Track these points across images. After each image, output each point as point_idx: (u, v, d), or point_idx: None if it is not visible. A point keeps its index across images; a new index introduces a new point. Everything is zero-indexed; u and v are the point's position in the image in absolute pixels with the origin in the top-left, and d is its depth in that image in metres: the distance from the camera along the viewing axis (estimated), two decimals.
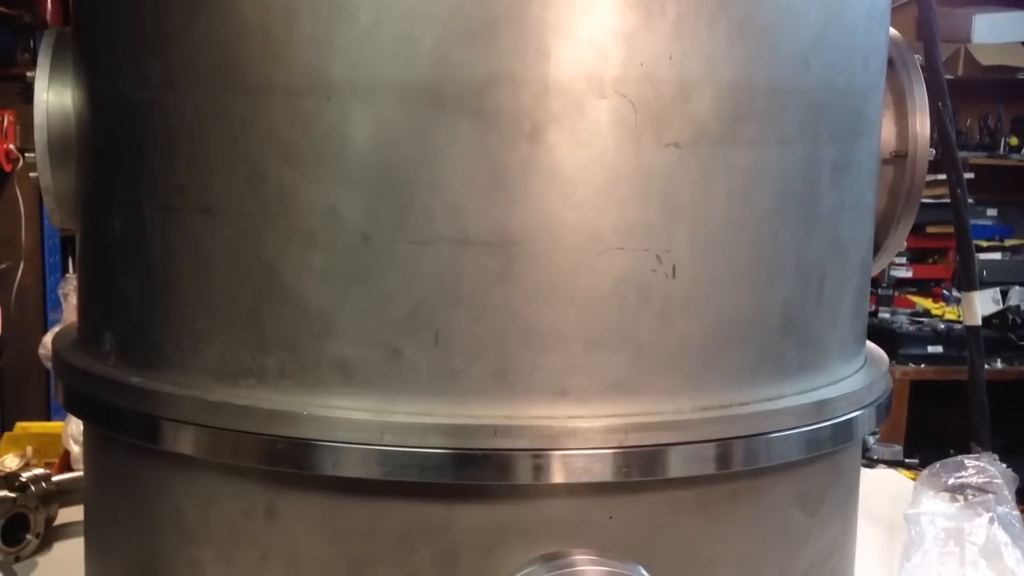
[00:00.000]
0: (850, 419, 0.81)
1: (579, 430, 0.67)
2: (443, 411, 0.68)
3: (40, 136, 0.82)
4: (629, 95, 0.67)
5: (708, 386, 0.72)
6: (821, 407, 0.77)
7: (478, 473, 0.68)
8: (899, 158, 0.89)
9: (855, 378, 0.84)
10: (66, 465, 2.71)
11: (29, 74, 0.83)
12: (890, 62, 0.87)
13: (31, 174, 0.84)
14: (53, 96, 0.82)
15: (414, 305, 0.67)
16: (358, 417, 0.68)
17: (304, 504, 0.72)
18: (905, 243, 0.94)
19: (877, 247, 0.90)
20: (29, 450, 3.08)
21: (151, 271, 0.75)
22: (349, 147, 0.68)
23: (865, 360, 0.89)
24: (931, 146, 0.89)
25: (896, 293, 4.62)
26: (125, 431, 0.78)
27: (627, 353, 0.69)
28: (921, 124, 0.89)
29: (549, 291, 0.67)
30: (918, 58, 0.92)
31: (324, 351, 0.69)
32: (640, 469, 0.70)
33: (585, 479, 0.69)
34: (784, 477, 0.77)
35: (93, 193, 0.82)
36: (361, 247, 0.67)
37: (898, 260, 4.72)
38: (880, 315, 4.48)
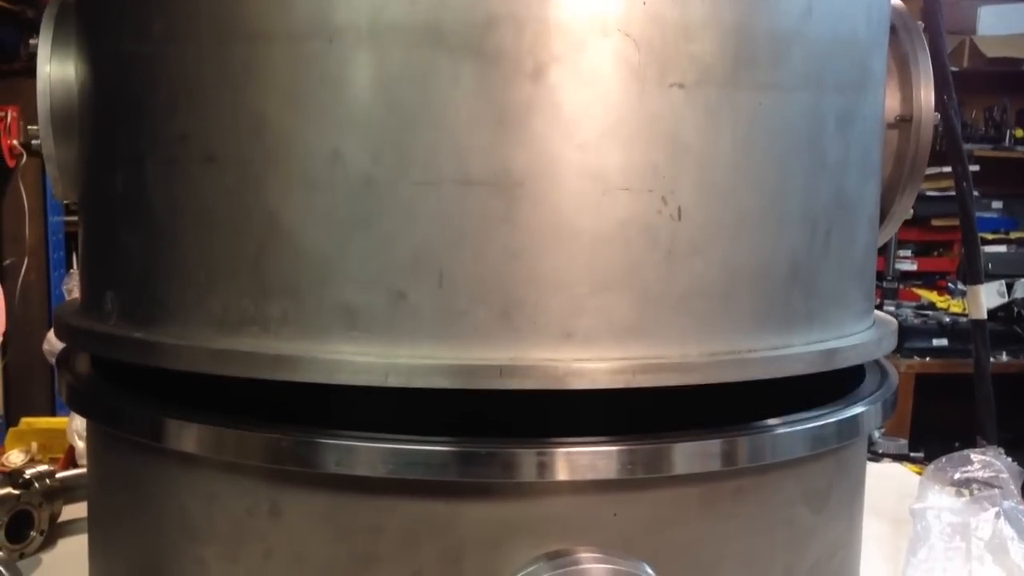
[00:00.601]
0: (856, 415, 0.80)
1: (585, 371, 0.67)
2: (448, 354, 0.67)
3: (43, 106, 0.82)
4: (632, 34, 0.66)
5: (715, 332, 0.71)
6: (830, 356, 0.77)
7: (483, 471, 0.68)
8: (904, 122, 0.89)
9: (864, 334, 0.83)
10: (71, 460, 2.72)
11: (32, 41, 0.83)
12: (893, 29, 0.88)
13: (34, 141, 0.84)
14: (56, 67, 0.82)
15: (417, 247, 0.67)
16: (362, 360, 0.67)
17: (308, 502, 0.72)
18: (912, 210, 0.94)
19: (884, 214, 0.90)
20: (34, 446, 3.10)
21: (153, 225, 0.75)
22: (351, 90, 0.67)
23: (874, 322, 0.89)
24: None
25: (901, 286, 4.62)
26: (128, 429, 0.78)
27: (633, 295, 0.69)
28: (925, 88, 0.89)
29: (553, 232, 0.67)
30: (920, 24, 0.92)
31: (327, 296, 0.68)
32: (645, 466, 0.69)
33: (590, 476, 0.69)
34: (790, 474, 0.77)
35: (95, 156, 0.82)
36: (364, 190, 0.67)
37: (903, 253, 4.72)
38: (885, 308, 4.46)
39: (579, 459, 0.68)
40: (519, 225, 0.67)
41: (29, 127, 0.86)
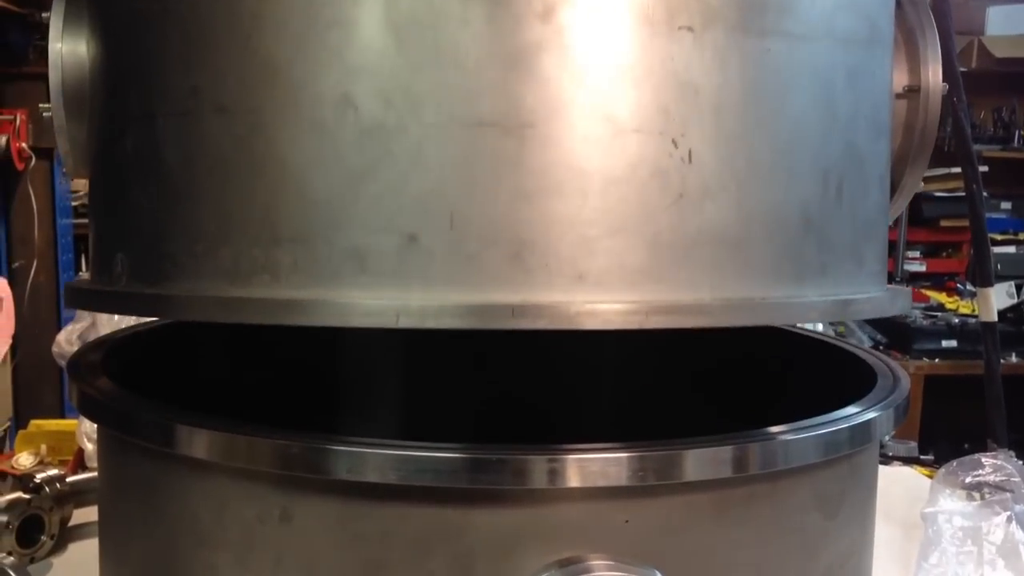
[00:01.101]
0: (868, 420, 0.80)
1: (598, 311, 0.66)
2: (459, 296, 0.67)
3: (55, 80, 0.82)
4: None
5: (729, 278, 0.71)
6: (844, 306, 0.76)
7: (494, 477, 0.67)
8: (912, 92, 0.89)
9: (877, 291, 0.83)
10: (80, 463, 2.72)
11: (44, 15, 0.83)
12: (899, 3, 0.88)
13: (45, 114, 0.85)
14: (67, 44, 0.82)
15: (428, 190, 0.67)
16: (373, 303, 0.67)
17: (319, 508, 0.71)
18: (922, 184, 0.94)
19: (894, 187, 0.90)
20: (43, 448, 3.10)
21: (165, 181, 0.75)
22: (360, 34, 0.67)
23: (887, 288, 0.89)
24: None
25: (910, 287, 4.60)
26: (139, 434, 0.78)
27: (645, 239, 0.68)
28: (933, 59, 0.89)
29: (564, 174, 0.67)
30: None
31: (337, 242, 0.68)
32: (656, 473, 0.69)
33: (601, 483, 0.68)
34: (802, 480, 0.76)
35: (106, 123, 0.82)
36: (373, 134, 0.67)
37: (912, 254, 4.71)
38: None
39: (590, 466, 0.68)
40: (529, 167, 0.66)
41: (41, 105, 0.86)
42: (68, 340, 3.34)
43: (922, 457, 2.07)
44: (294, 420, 0.77)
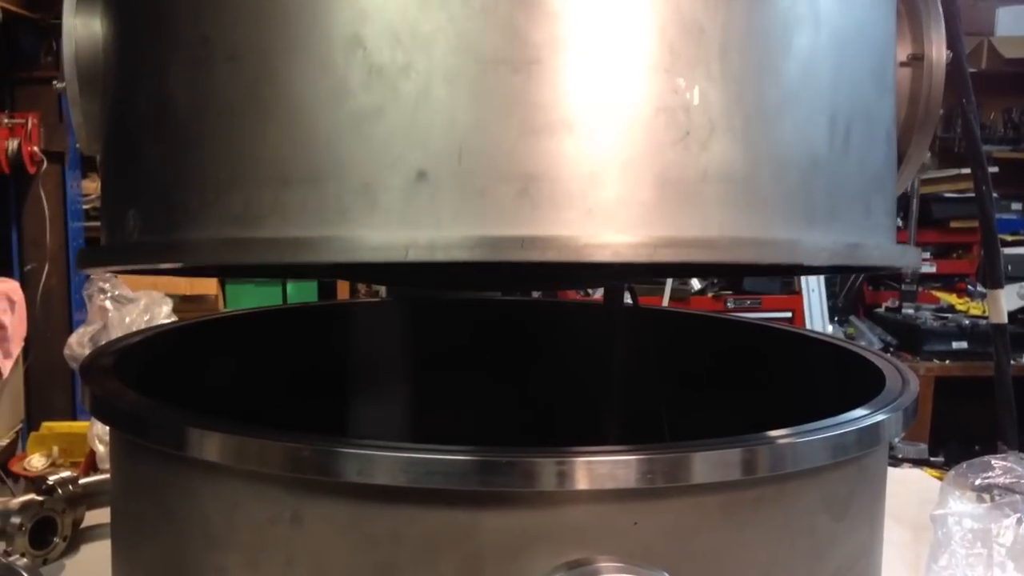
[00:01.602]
0: (877, 423, 0.80)
1: (607, 243, 0.66)
2: (469, 231, 0.67)
3: (68, 51, 0.83)
4: None
5: (737, 216, 0.71)
6: (854, 249, 0.76)
7: (503, 480, 0.68)
8: (916, 60, 0.90)
9: (886, 241, 0.83)
10: (92, 465, 2.73)
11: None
12: None
13: (57, 85, 0.85)
14: (81, 20, 0.83)
15: (437, 127, 0.67)
16: (381, 237, 0.67)
17: (329, 511, 0.72)
18: (928, 154, 0.95)
19: (900, 158, 0.90)
20: (55, 450, 3.12)
21: (175, 132, 0.75)
22: None
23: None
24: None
25: (920, 288, 4.59)
26: (151, 438, 0.79)
27: (652, 175, 0.68)
28: (936, 28, 0.90)
29: (570, 109, 0.67)
30: None
31: (347, 180, 0.68)
32: (665, 475, 0.69)
33: (609, 485, 0.69)
34: (811, 482, 0.77)
35: (119, 91, 0.82)
36: (383, 73, 0.67)
37: (922, 255, 4.69)
38: (904, 311, 4.44)
39: (599, 468, 0.68)
40: (537, 103, 0.67)
41: (55, 83, 0.87)
42: (80, 343, 3.35)
43: (932, 459, 2.06)
44: (304, 423, 0.78)
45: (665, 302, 3.60)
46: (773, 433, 0.75)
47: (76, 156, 3.94)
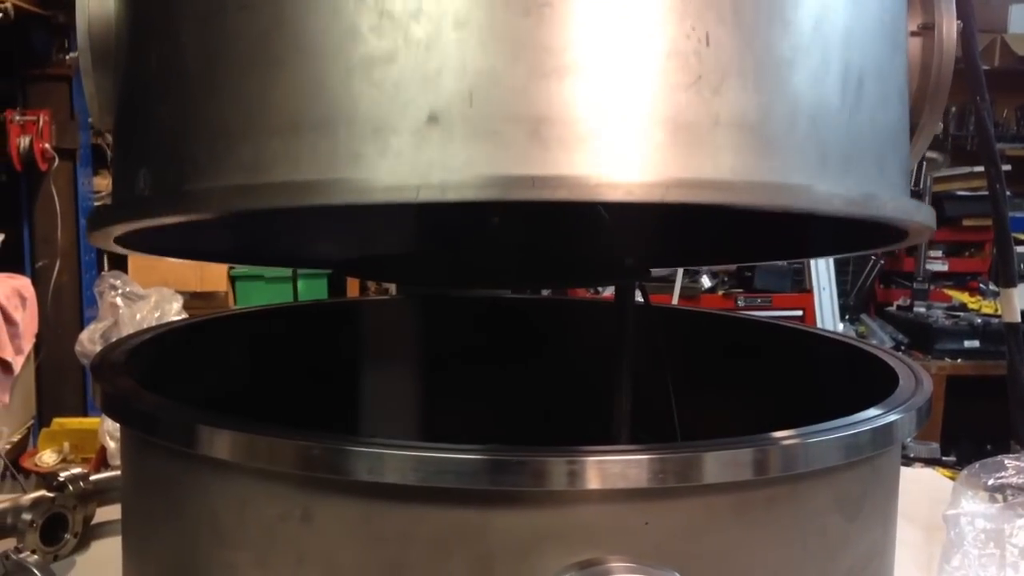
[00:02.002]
0: (890, 423, 0.80)
1: (619, 184, 0.66)
2: (480, 171, 0.66)
3: (81, 24, 0.83)
4: None
5: (751, 162, 0.70)
6: (869, 199, 0.75)
7: (513, 479, 0.68)
8: (927, 29, 0.89)
9: (901, 195, 0.83)
10: (103, 461, 2.74)
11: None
12: None
13: (70, 55, 0.85)
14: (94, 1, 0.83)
15: (448, 70, 0.66)
16: (392, 178, 0.66)
17: (340, 509, 0.72)
18: (940, 125, 0.94)
19: (913, 128, 0.89)
20: (66, 446, 3.14)
21: (186, 86, 0.75)
22: None
23: None
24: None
25: (932, 287, 4.57)
26: (161, 435, 0.79)
27: (664, 118, 0.68)
28: None
29: (582, 52, 0.66)
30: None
31: (358, 125, 0.68)
32: (676, 475, 0.69)
33: (621, 485, 0.68)
34: (823, 482, 0.76)
35: (130, 50, 0.82)
36: (394, 17, 0.67)
37: (934, 254, 4.67)
38: (915, 309, 4.42)
39: (610, 468, 0.68)
40: (548, 45, 0.66)
41: (68, 55, 0.86)
42: (91, 339, 3.36)
43: (944, 458, 2.05)
44: (316, 420, 0.77)
45: (675, 300, 3.59)
46: (785, 433, 0.74)
47: (87, 153, 3.95)
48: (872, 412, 0.81)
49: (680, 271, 3.64)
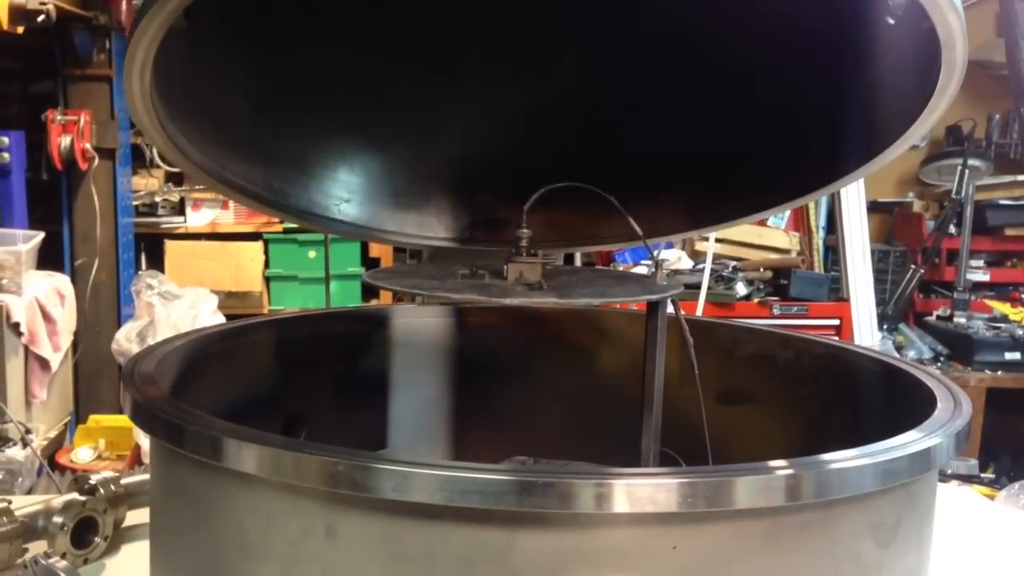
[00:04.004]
0: (928, 448, 0.77)
1: None
2: None
3: None
4: None
5: None
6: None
7: (540, 500, 0.67)
8: None
9: None
10: (137, 459, 2.77)
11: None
12: None
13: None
14: None
15: None
16: None
17: (364, 526, 0.71)
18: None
19: None
20: (102, 443, 3.17)
21: None
22: None
23: None
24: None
25: (972, 297, 4.48)
26: (188, 447, 0.79)
27: None
28: None
29: None
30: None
31: None
32: (706, 500, 0.68)
33: (649, 509, 0.67)
34: (857, 508, 0.74)
35: None
36: None
37: (975, 263, 4.59)
38: (955, 320, 4.35)
39: (638, 491, 0.67)
40: None
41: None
42: (127, 337, 3.40)
43: (982, 475, 2.01)
44: (345, 427, 0.77)
45: (699, 312, 3.53)
46: (819, 458, 0.72)
47: (127, 153, 3.99)
48: (909, 436, 0.79)
49: (705, 281, 3.58)
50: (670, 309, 1.07)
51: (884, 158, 1.08)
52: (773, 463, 0.71)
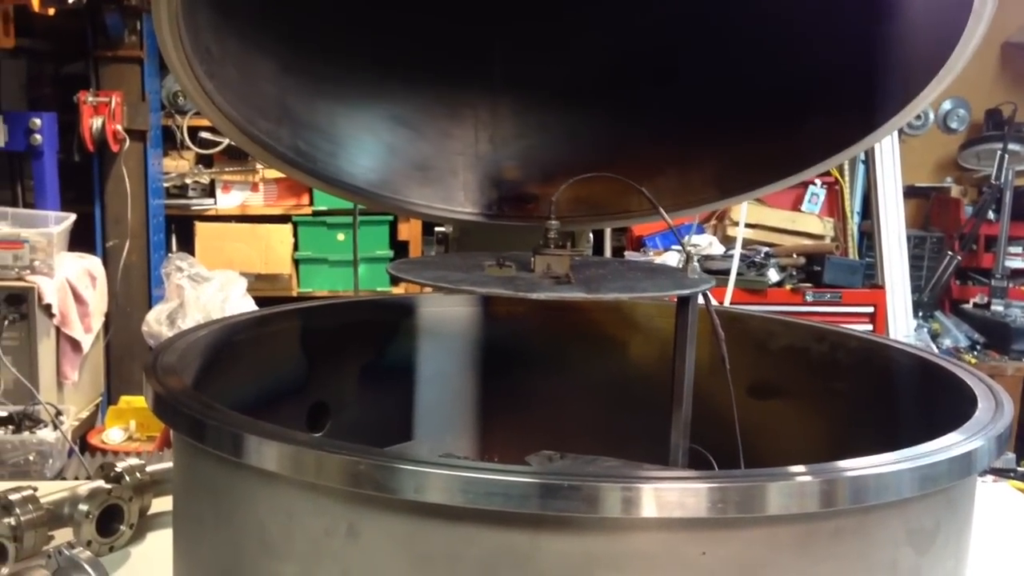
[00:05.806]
0: (968, 452, 0.75)
1: None
2: None
3: None
4: None
5: None
6: None
7: (565, 504, 0.65)
8: None
9: None
10: (166, 441, 2.78)
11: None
12: None
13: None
14: None
15: None
16: None
17: (386, 526, 0.70)
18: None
19: None
20: (132, 424, 3.19)
21: None
22: None
23: None
24: None
25: (1011, 284, 4.40)
26: (210, 443, 0.77)
27: None
28: None
29: None
30: None
31: None
32: (737, 505, 0.66)
33: (677, 514, 0.65)
34: (894, 513, 0.72)
35: None
36: None
37: (1013, 250, 4.51)
38: (993, 307, 4.27)
39: (667, 495, 0.65)
40: None
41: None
42: (157, 320, 3.42)
43: (1019, 468, 1.97)
44: (371, 419, 0.75)
45: (727, 301, 3.48)
46: (855, 462, 0.70)
47: (158, 135, 4.01)
48: (949, 439, 0.77)
49: (734, 267, 3.52)
50: (701, 301, 1.04)
51: (919, 103, 1.06)
52: (807, 467, 0.68)
